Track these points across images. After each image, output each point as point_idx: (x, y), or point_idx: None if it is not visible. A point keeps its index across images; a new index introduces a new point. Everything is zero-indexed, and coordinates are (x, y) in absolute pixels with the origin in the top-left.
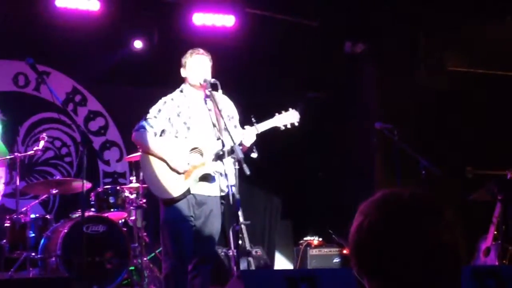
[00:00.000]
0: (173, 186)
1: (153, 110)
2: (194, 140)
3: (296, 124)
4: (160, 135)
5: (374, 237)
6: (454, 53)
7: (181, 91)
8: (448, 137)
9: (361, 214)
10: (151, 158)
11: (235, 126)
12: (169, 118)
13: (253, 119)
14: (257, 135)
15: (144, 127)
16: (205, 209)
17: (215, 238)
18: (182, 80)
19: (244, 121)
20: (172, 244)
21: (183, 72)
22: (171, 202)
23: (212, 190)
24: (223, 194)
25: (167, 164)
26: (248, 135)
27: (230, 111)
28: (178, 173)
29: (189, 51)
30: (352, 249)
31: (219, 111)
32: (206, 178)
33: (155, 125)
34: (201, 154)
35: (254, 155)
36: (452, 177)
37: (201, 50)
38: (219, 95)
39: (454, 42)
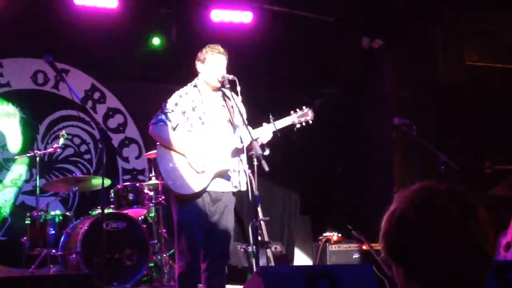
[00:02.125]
0: (193, 181)
1: (169, 104)
2: (212, 136)
3: (311, 122)
4: (174, 129)
5: (403, 226)
6: (472, 47)
7: (195, 85)
8: (467, 131)
9: (396, 201)
10: (171, 152)
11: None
12: (184, 112)
13: (271, 116)
14: (276, 131)
15: (163, 121)
16: (220, 206)
17: (230, 234)
18: (196, 74)
19: (261, 117)
20: (187, 244)
21: (200, 67)
22: (188, 199)
23: (227, 186)
24: (236, 189)
25: (186, 159)
26: (266, 133)
27: (241, 109)
28: (197, 168)
29: (209, 47)
30: (382, 234)
31: (237, 106)
32: (223, 174)
33: (173, 119)
34: (219, 150)
35: (266, 152)
36: (471, 172)
37: (221, 49)
38: (228, 92)
39: (473, 36)
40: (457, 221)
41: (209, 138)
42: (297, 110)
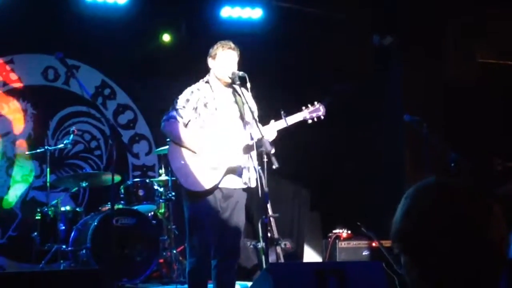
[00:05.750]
0: (205, 178)
1: (181, 100)
2: (224, 133)
3: (322, 118)
4: (186, 125)
5: (420, 224)
6: (483, 44)
7: (207, 82)
8: (477, 129)
9: (411, 198)
10: (182, 148)
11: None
12: (196, 108)
13: (282, 112)
14: (286, 127)
15: (174, 117)
16: (232, 202)
17: (241, 230)
18: (208, 71)
19: (271, 113)
20: (198, 240)
21: (211, 63)
22: (200, 196)
23: (238, 183)
24: (246, 186)
25: (198, 156)
26: (270, 131)
27: (252, 106)
28: (209, 165)
29: (220, 43)
30: (395, 231)
31: (248, 103)
32: (234, 170)
33: (184, 115)
34: (231, 147)
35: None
36: (481, 170)
37: (232, 44)
38: (239, 88)
39: (484, 33)
40: (475, 220)
41: (221, 134)
42: (309, 105)
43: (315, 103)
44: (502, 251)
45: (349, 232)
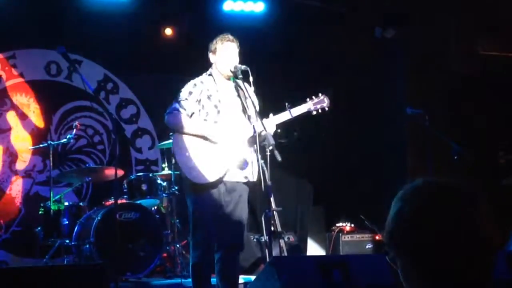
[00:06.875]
0: (209, 171)
1: (183, 93)
2: (227, 125)
3: (327, 109)
4: (190, 117)
5: (414, 225)
6: (486, 37)
7: (210, 75)
8: (480, 122)
9: (401, 200)
10: (186, 141)
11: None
12: (199, 101)
13: (287, 104)
14: (289, 120)
15: (177, 109)
16: (235, 196)
17: (244, 224)
18: (210, 65)
19: (274, 106)
20: (202, 234)
21: (212, 57)
22: (203, 189)
23: (241, 176)
24: (249, 179)
25: (203, 147)
26: (269, 125)
27: (254, 100)
28: (214, 157)
29: (219, 37)
30: (389, 234)
31: (250, 97)
32: (238, 163)
33: (188, 107)
34: (235, 139)
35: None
36: (485, 162)
37: (231, 36)
38: (241, 82)
39: (487, 25)
40: (464, 219)
41: (225, 126)
42: (313, 97)
43: (319, 94)
44: (490, 247)
45: (353, 225)
